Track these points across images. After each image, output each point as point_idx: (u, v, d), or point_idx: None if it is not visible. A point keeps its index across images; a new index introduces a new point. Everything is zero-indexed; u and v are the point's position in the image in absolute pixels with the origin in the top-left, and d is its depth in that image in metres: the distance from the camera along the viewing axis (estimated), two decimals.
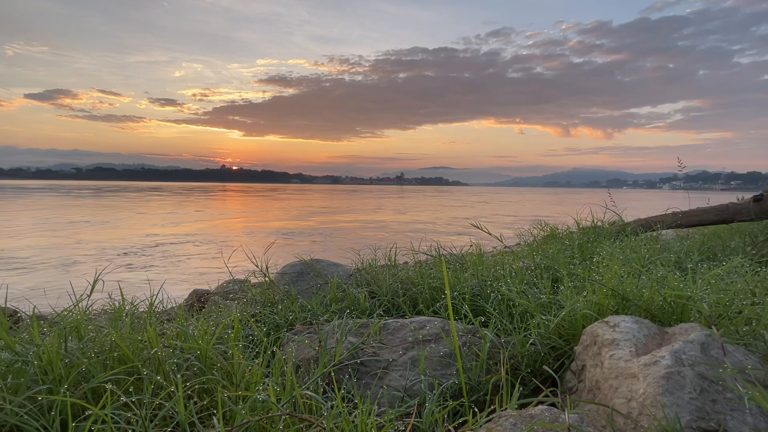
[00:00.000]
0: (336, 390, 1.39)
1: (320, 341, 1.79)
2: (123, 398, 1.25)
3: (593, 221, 4.66)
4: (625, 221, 4.79)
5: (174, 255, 10.98)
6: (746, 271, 2.20)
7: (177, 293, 3.60)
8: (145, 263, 9.82)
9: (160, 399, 1.32)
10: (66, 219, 20.32)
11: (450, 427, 1.30)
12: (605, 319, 1.57)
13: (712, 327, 1.36)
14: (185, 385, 1.40)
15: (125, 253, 11.08)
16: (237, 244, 12.41)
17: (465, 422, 1.37)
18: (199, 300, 3.45)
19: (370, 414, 1.27)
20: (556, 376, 1.52)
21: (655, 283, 1.85)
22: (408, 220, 22.57)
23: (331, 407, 1.31)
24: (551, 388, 1.57)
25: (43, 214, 23.08)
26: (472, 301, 2.37)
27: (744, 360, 1.33)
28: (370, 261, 3.27)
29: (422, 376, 1.59)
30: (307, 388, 1.47)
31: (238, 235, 15.69)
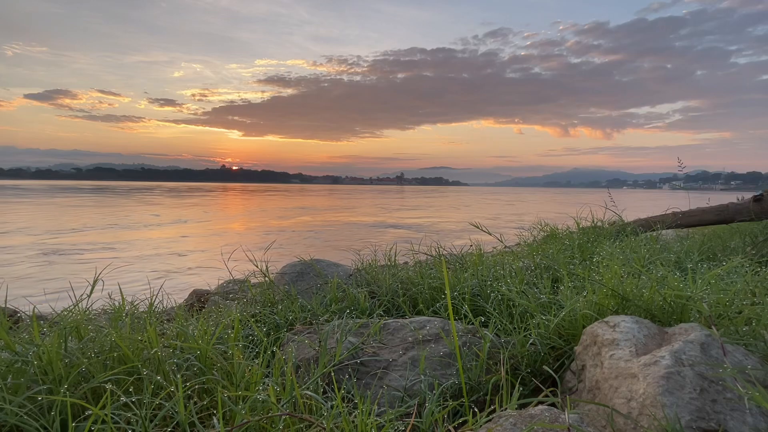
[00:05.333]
0: (336, 390, 1.39)
1: (320, 341, 1.79)
2: (123, 398, 1.25)
3: (593, 221, 4.66)
4: (625, 221, 4.79)
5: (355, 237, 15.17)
6: (746, 271, 2.20)
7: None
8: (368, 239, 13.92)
9: (160, 399, 1.32)
10: (218, 215, 23.47)
11: (450, 427, 1.30)
12: (605, 319, 1.57)
13: (712, 327, 1.36)
14: (185, 385, 1.40)
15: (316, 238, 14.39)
16: (379, 235, 15.82)
17: (465, 422, 1.37)
18: (199, 300, 3.45)
19: (370, 414, 1.27)
20: (556, 376, 1.52)
21: (655, 283, 1.85)
22: (478, 216, 24.26)
23: (331, 407, 1.31)
24: (551, 388, 1.57)
25: (179, 212, 25.96)
26: (472, 301, 2.37)
27: (744, 360, 1.33)
28: (370, 261, 3.26)
29: (422, 376, 1.59)
30: (307, 388, 1.47)
31: (362, 228, 18.54)
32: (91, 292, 1.94)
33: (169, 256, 10.86)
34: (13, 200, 35.68)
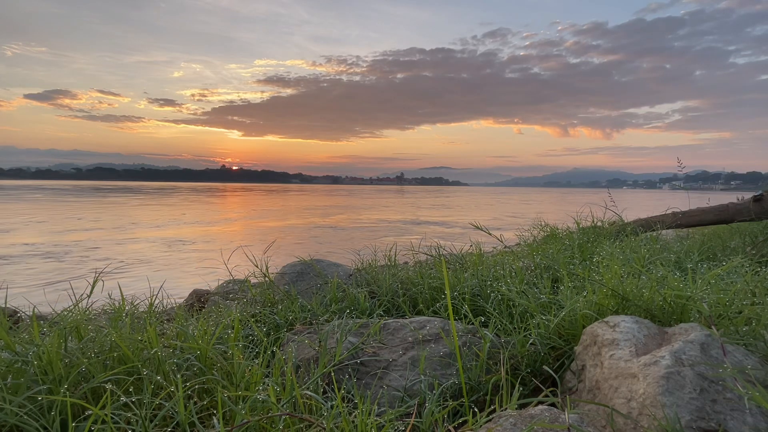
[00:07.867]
0: (336, 390, 1.39)
1: (320, 341, 1.79)
2: (123, 398, 1.25)
3: (593, 221, 4.66)
4: (625, 221, 4.78)
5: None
6: (746, 271, 2.20)
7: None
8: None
9: (160, 399, 1.32)
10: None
11: (450, 427, 1.30)
12: (605, 319, 1.57)
13: (712, 327, 1.36)
14: (185, 385, 1.40)
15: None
16: (423, 230, 16.88)
17: (465, 422, 1.37)
18: (199, 300, 3.45)
19: (370, 414, 1.27)
20: (556, 376, 1.52)
21: (655, 283, 1.85)
22: (502, 214, 25.87)
23: (331, 407, 1.31)
24: (551, 388, 1.57)
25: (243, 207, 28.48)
26: (472, 301, 2.37)
27: (744, 360, 1.33)
28: (370, 261, 3.26)
29: (422, 376, 1.59)
30: (307, 388, 1.47)
31: (405, 225, 19.72)
32: (91, 292, 1.94)
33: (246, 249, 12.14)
34: (69, 200, 36.48)
